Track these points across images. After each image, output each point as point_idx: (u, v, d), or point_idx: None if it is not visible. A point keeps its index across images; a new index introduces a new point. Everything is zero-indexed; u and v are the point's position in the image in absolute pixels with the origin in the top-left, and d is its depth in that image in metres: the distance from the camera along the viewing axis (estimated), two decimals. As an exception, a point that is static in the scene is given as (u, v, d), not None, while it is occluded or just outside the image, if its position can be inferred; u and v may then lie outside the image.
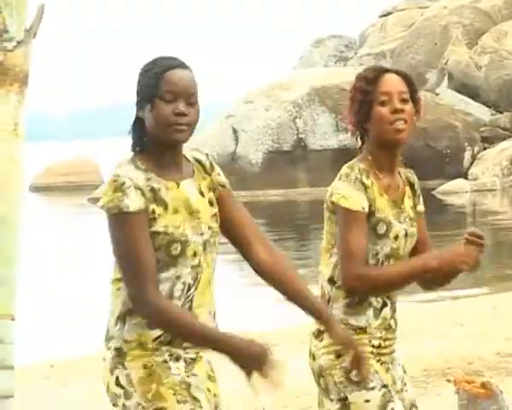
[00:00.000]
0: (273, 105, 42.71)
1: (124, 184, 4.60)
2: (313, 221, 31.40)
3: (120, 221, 4.62)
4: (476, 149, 41.50)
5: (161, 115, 4.63)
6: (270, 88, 44.48)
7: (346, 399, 5.32)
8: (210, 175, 4.79)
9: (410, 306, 15.45)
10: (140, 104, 4.74)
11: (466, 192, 39.29)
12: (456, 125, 41.64)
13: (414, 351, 11.46)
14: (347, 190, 5.25)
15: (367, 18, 41.11)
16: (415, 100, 5.32)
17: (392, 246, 5.34)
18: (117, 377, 4.72)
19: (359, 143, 5.46)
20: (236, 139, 42.80)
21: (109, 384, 4.78)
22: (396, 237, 5.32)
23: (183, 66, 4.73)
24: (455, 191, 39.23)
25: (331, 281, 5.36)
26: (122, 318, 4.74)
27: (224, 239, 4.90)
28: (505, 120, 42.25)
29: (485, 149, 41.54)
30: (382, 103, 5.26)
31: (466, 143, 41.46)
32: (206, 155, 4.87)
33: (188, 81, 4.70)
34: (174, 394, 4.65)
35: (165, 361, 4.68)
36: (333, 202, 5.32)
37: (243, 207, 4.94)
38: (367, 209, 5.25)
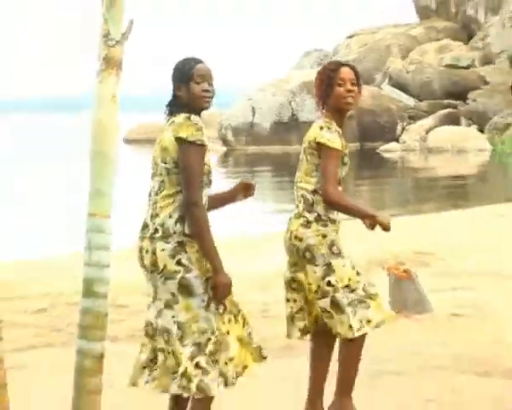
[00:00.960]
0: (277, 92, 45.95)
1: (202, 127, 5.15)
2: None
3: (199, 151, 5.11)
4: (405, 123, 45.22)
5: (195, 92, 5.26)
6: (275, 81, 47.54)
7: (330, 264, 5.83)
8: None
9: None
10: (178, 86, 5.32)
11: (397, 151, 43.05)
12: (392, 108, 45.63)
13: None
14: (332, 136, 5.85)
15: (338, 38, 47.40)
16: (359, 85, 6.01)
17: (346, 170, 6.03)
18: (179, 260, 5.11)
19: (322, 110, 6.04)
20: (253, 114, 46.18)
21: (167, 265, 5.11)
22: (346, 164, 5.99)
23: (204, 63, 5.34)
24: (390, 150, 43.11)
25: (314, 192, 5.88)
26: (181, 220, 5.15)
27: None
28: (424, 106, 45.64)
29: (410, 124, 45.14)
30: (339, 85, 5.92)
31: (398, 120, 45.38)
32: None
33: (209, 71, 5.31)
34: None
35: None
36: (319, 143, 5.87)
37: None
38: (341, 149, 5.89)
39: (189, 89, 5.28)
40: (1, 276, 11.66)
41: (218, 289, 5.15)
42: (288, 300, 6.07)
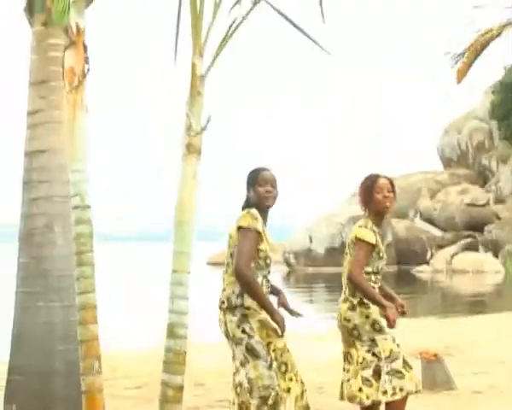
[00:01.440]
0: (330, 224, 46.11)
1: (257, 217, 5.17)
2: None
3: (252, 234, 5.09)
4: (433, 250, 45.79)
5: (260, 192, 5.25)
6: (328, 215, 47.75)
7: (373, 339, 5.68)
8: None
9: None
10: (248, 188, 5.28)
11: (428, 272, 43.55)
12: (423, 238, 46.39)
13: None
14: (365, 232, 5.78)
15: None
16: (394, 192, 5.88)
17: (383, 263, 5.93)
18: (243, 329, 5.06)
19: (365, 213, 5.93)
20: (311, 241, 46.45)
21: (235, 334, 5.07)
22: (382, 258, 5.88)
23: (269, 170, 5.35)
24: (422, 271, 43.86)
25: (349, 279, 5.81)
26: (241, 294, 5.12)
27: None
28: (448, 236, 46.07)
29: (437, 250, 45.67)
30: (377, 192, 5.83)
31: (428, 247, 46.03)
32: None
33: (271, 176, 5.29)
34: (273, 335, 5.19)
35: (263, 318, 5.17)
36: (356, 237, 5.80)
37: None
38: (374, 243, 5.77)
39: (255, 190, 5.31)
40: (110, 363, 11.55)
41: (280, 325, 5.20)
42: (344, 369, 5.99)
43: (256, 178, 5.32)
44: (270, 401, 5.08)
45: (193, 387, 10.11)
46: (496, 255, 44.00)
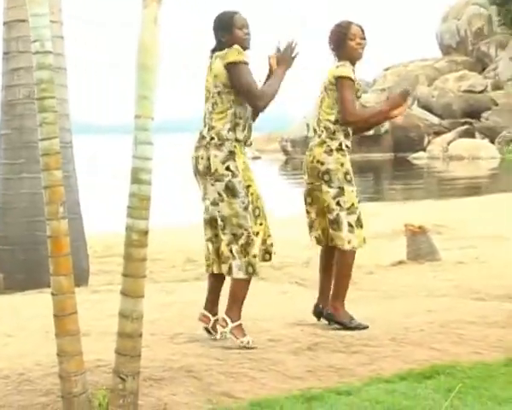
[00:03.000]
0: None
1: (242, 51, 5.19)
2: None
3: (245, 67, 5.16)
4: (430, 137, 44.31)
5: (240, 35, 5.25)
6: None
7: (342, 188, 5.67)
8: None
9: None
10: (222, 34, 5.31)
11: (424, 159, 42.36)
12: (420, 125, 44.72)
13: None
14: (346, 70, 5.72)
15: (376, 70, 46.81)
16: (365, 38, 5.84)
17: (360, 101, 5.89)
18: (228, 166, 5.11)
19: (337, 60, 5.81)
20: (308, 129, 40.83)
21: (218, 169, 5.10)
22: (359, 98, 5.87)
23: (240, 13, 5.33)
24: (419, 158, 42.54)
25: (336, 122, 5.72)
26: (233, 129, 5.18)
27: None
28: (445, 123, 44.68)
29: (434, 137, 44.25)
30: (351, 39, 5.78)
31: (425, 134, 44.44)
32: None
33: (246, 20, 5.29)
34: (253, 180, 5.24)
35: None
36: (336, 77, 5.72)
37: None
38: (354, 79, 5.75)
39: (234, 34, 5.28)
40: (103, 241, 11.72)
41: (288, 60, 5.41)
42: (307, 211, 5.95)
43: (232, 21, 5.30)
44: (241, 241, 5.11)
45: (184, 263, 10.32)
46: (492, 142, 43.36)
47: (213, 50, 5.35)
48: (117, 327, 3.80)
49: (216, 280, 5.39)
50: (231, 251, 5.16)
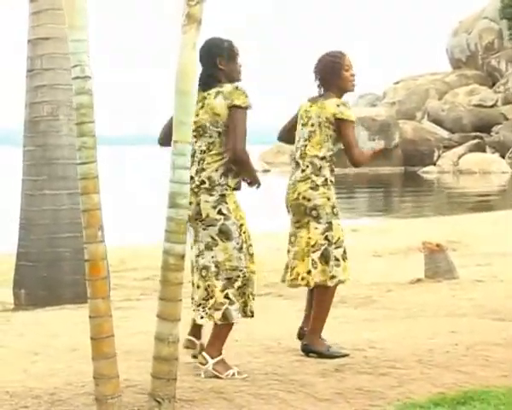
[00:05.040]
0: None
1: (247, 94, 4.96)
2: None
3: (246, 114, 4.91)
4: (440, 151, 44.73)
5: (238, 68, 5.16)
6: None
7: (330, 223, 5.54)
8: None
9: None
10: (219, 61, 5.05)
11: (434, 173, 42.65)
12: (430, 139, 45.07)
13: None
14: (350, 112, 5.57)
15: (387, 83, 46.86)
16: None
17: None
18: (220, 210, 4.94)
19: (322, 90, 5.67)
20: None
21: (209, 214, 4.94)
22: None
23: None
24: (429, 172, 42.75)
25: (323, 158, 5.55)
26: (226, 174, 4.96)
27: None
28: (456, 137, 45.12)
29: (444, 151, 44.61)
30: (346, 70, 5.64)
31: (435, 148, 44.80)
32: None
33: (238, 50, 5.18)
34: (245, 218, 5.07)
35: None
36: (339, 119, 5.50)
37: None
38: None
39: (233, 65, 5.12)
40: (118, 256, 11.83)
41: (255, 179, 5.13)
42: (288, 251, 5.75)
43: (234, 50, 5.13)
44: (237, 284, 4.96)
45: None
46: (502, 156, 43.59)
47: (206, 82, 5.05)
48: (153, 350, 3.82)
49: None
50: (227, 296, 4.98)
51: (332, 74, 5.66)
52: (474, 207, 24.75)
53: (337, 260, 5.56)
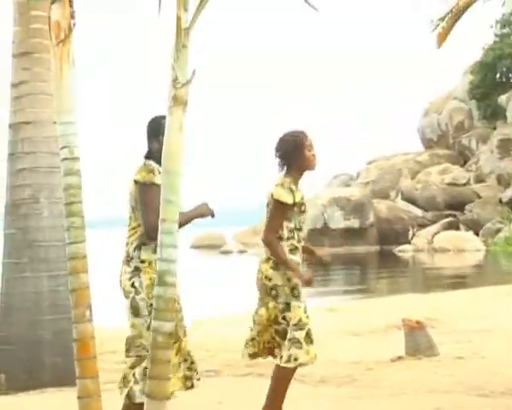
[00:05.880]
0: (313, 206, 42.86)
1: (153, 169, 4.90)
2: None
3: (152, 189, 4.76)
4: (415, 229, 44.74)
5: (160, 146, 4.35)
6: (311, 198, 42.89)
7: (289, 304, 5.52)
8: None
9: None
10: (156, 138, 5.00)
11: (409, 252, 42.62)
12: (404, 218, 45.34)
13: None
14: (283, 192, 5.52)
15: (359, 164, 47.57)
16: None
17: (304, 217, 5.70)
18: (133, 283, 4.90)
19: (283, 169, 5.64)
20: None
21: (125, 286, 4.93)
22: (304, 212, 5.68)
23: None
24: (404, 250, 42.91)
25: (280, 238, 5.57)
26: (138, 247, 4.94)
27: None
28: (429, 215, 45.43)
29: (419, 230, 44.65)
30: (309, 151, 5.63)
31: (409, 227, 44.91)
32: None
33: None
34: None
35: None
36: (273, 197, 5.56)
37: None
38: (292, 203, 5.51)
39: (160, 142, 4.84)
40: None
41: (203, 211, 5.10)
42: (250, 329, 5.82)
43: (159, 128, 4.94)
44: (144, 364, 4.80)
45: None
46: (476, 234, 43.91)
47: (146, 156, 5.14)
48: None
49: None
50: (134, 375, 4.90)
51: (293, 154, 5.66)
52: (450, 284, 24.84)
53: (299, 341, 5.53)
